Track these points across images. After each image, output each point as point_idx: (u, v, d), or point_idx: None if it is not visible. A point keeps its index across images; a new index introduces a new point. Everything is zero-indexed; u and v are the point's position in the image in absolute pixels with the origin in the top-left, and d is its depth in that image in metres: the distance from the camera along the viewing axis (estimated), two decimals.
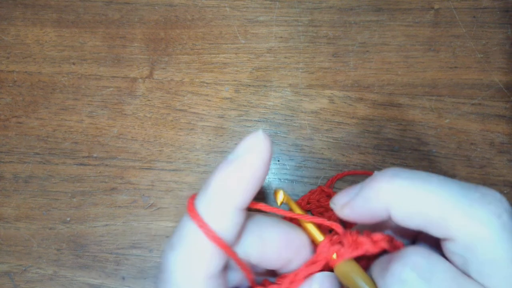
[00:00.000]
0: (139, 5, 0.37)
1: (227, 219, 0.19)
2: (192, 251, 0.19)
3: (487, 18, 0.36)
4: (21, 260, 0.33)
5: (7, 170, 0.35)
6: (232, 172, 0.19)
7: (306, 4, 0.37)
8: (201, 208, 0.19)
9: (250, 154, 0.19)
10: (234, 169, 0.19)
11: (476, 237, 0.18)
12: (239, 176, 0.19)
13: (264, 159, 0.19)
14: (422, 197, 0.19)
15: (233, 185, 0.19)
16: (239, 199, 0.19)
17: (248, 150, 0.19)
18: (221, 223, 0.19)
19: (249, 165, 0.19)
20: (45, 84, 0.36)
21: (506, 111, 0.34)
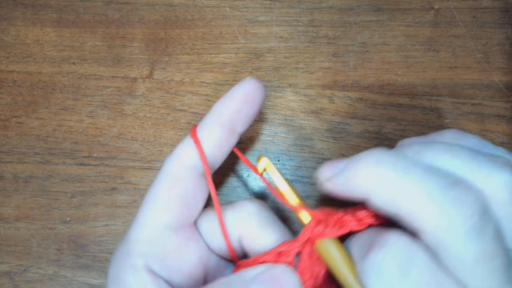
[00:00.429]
0: (139, 5, 0.37)
1: (210, 130, 0.25)
2: (180, 149, 0.25)
3: (487, 18, 0.36)
4: (21, 260, 0.33)
5: (7, 170, 0.35)
6: (222, 101, 0.26)
7: (306, 4, 0.37)
8: (198, 127, 0.26)
9: (239, 86, 0.26)
10: (225, 99, 0.26)
11: (445, 235, 0.18)
12: (227, 104, 0.25)
13: (246, 93, 0.25)
14: (400, 188, 0.19)
15: (220, 107, 0.25)
16: (224, 117, 0.25)
17: (239, 87, 0.26)
18: (205, 132, 0.25)
19: (236, 96, 0.25)
20: (45, 84, 0.36)
21: (506, 111, 0.34)
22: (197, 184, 0.25)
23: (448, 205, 0.18)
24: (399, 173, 0.19)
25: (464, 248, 0.18)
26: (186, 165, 0.25)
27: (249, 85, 0.25)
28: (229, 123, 0.25)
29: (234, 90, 0.25)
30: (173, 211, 0.24)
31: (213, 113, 0.26)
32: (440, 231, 0.18)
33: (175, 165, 0.25)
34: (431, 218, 0.18)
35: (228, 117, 0.25)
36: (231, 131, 0.26)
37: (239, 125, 0.26)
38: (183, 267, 0.24)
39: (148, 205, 0.24)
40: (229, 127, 0.25)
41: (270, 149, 0.34)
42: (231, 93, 0.25)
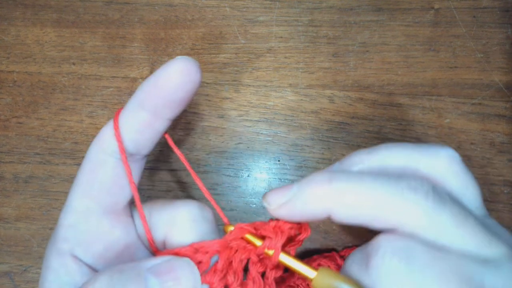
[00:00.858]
0: (139, 5, 0.37)
1: (134, 116, 0.23)
2: (102, 134, 0.23)
3: (487, 18, 0.36)
4: (21, 260, 0.33)
5: (7, 170, 0.35)
6: (147, 83, 0.23)
7: (306, 4, 0.37)
8: (121, 112, 0.24)
9: (167, 71, 0.22)
10: (150, 81, 0.23)
11: (418, 220, 0.19)
12: (150, 83, 0.23)
13: (175, 75, 0.22)
14: (360, 198, 0.20)
15: (144, 90, 0.23)
16: (148, 102, 0.23)
17: (167, 68, 0.22)
18: (128, 119, 0.23)
19: (163, 79, 0.22)
20: (45, 84, 0.36)
21: (506, 111, 0.34)
22: (121, 170, 0.23)
23: (406, 194, 0.20)
24: (354, 183, 0.20)
25: (438, 220, 0.19)
26: (106, 150, 0.23)
27: (179, 65, 0.22)
28: (154, 107, 0.23)
29: (162, 70, 0.22)
30: (94, 196, 0.23)
31: (136, 96, 0.23)
32: (413, 218, 0.19)
33: (95, 150, 0.23)
34: (398, 213, 0.20)
35: (152, 101, 0.22)
36: (156, 116, 0.23)
37: (167, 110, 0.23)
38: (107, 254, 0.23)
39: (72, 189, 0.24)
40: (154, 112, 0.23)
41: (270, 149, 0.34)
42: (158, 73, 0.22)
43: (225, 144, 0.35)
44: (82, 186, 0.23)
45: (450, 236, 0.19)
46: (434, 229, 0.19)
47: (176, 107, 0.23)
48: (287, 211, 0.21)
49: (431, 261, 0.19)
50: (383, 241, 0.20)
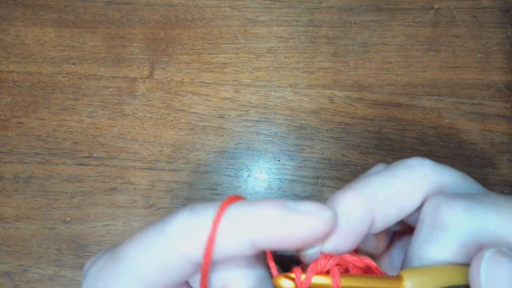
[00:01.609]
0: (139, 5, 0.37)
1: (235, 243, 0.18)
2: (192, 229, 0.18)
3: (487, 18, 0.36)
4: (21, 260, 0.33)
5: (7, 170, 0.35)
6: (280, 217, 0.17)
7: (306, 4, 0.37)
8: (231, 212, 0.18)
9: (308, 217, 0.17)
10: (284, 217, 0.17)
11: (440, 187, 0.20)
12: (282, 226, 0.17)
13: (312, 233, 0.17)
14: (384, 203, 0.20)
15: (271, 228, 0.17)
16: (262, 242, 0.17)
17: (310, 214, 0.17)
18: (227, 239, 0.17)
19: (298, 225, 0.17)
20: (45, 84, 0.36)
21: (506, 111, 0.34)
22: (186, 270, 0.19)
23: (413, 170, 0.21)
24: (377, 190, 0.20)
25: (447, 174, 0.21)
26: (186, 257, 0.18)
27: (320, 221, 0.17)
28: (261, 245, 0.18)
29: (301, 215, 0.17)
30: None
31: (252, 222, 0.17)
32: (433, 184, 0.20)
33: (175, 251, 0.18)
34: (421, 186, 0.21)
35: (266, 242, 0.17)
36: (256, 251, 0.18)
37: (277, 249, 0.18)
38: None
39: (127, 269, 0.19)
40: (261, 249, 0.18)
41: (270, 149, 0.34)
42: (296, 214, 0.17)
43: (225, 144, 0.35)
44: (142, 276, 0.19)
45: (465, 186, 0.20)
46: (451, 181, 0.20)
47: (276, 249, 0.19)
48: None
49: (483, 196, 0.19)
50: (430, 200, 0.20)
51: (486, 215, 0.18)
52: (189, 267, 0.18)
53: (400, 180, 0.20)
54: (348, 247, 0.19)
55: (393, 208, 0.20)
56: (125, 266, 0.19)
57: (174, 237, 0.18)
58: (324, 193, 0.34)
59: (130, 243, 0.20)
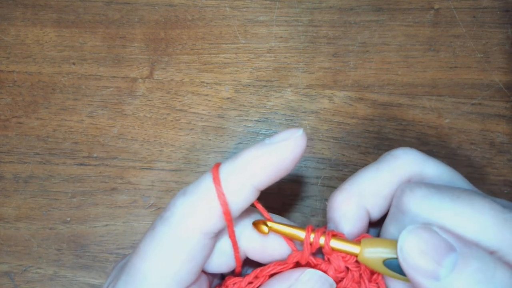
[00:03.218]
0: (139, 5, 0.37)
1: (240, 192, 0.20)
2: (200, 204, 0.20)
3: (487, 18, 0.36)
4: (21, 260, 0.33)
5: (7, 170, 0.35)
6: (263, 154, 0.20)
7: (306, 4, 0.37)
8: (223, 173, 0.20)
9: (285, 144, 0.20)
10: (266, 152, 0.20)
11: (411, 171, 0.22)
12: (268, 159, 0.20)
13: (295, 154, 0.21)
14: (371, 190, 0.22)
15: (260, 165, 0.20)
16: (259, 179, 0.20)
17: (285, 140, 0.20)
18: (234, 192, 0.20)
19: (280, 153, 0.20)
20: (45, 84, 0.36)
21: (506, 111, 0.34)
22: (207, 248, 0.21)
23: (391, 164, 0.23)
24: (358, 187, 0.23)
25: (428, 164, 0.23)
26: (206, 233, 0.20)
27: (295, 141, 0.20)
28: (265, 183, 0.21)
29: (278, 145, 0.20)
30: (178, 280, 0.20)
31: (246, 166, 0.20)
32: (410, 170, 0.23)
33: (191, 231, 0.20)
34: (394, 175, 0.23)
35: (263, 178, 0.20)
36: (259, 189, 0.21)
37: (274, 181, 0.21)
38: None
39: (148, 261, 0.20)
40: (263, 186, 0.21)
41: None
42: (274, 148, 0.20)
43: (225, 144, 0.35)
44: (165, 266, 0.20)
45: (449, 178, 0.21)
46: (433, 172, 0.22)
47: (282, 175, 0.21)
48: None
49: (453, 187, 0.20)
50: (403, 185, 0.21)
51: (442, 203, 0.19)
52: (208, 240, 0.20)
53: (383, 172, 0.22)
54: (357, 234, 0.22)
55: (381, 198, 0.22)
56: (145, 275, 0.20)
57: (183, 220, 0.20)
58: (324, 193, 0.34)
59: (141, 254, 0.20)
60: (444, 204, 0.19)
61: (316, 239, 0.21)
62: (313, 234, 0.21)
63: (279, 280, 0.21)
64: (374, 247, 0.20)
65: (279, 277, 0.22)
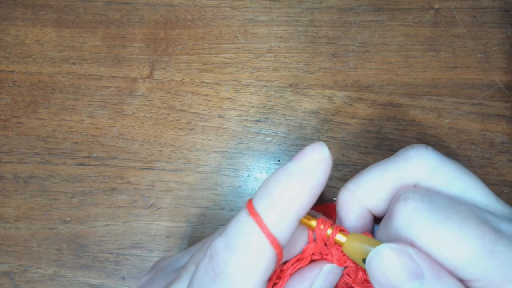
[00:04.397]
0: (139, 5, 0.37)
1: (286, 227, 0.19)
2: (253, 254, 0.19)
3: (487, 18, 0.36)
4: (21, 260, 0.33)
5: (7, 170, 0.35)
6: (298, 182, 0.19)
7: (306, 4, 0.37)
8: (262, 212, 0.19)
9: (317, 166, 0.19)
10: (301, 179, 0.19)
11: (422, 179, 0.21)
12: (304, 186, 0.19)
13: (327, 174, 0.20)
14: (373, 189, 0.22)
15: (298, 194, 0.19)
16: (300, 208, 0.19)
17: (314, 162, 0.20)
18: (280, 230, 0.19)
19: (315, 177, 0.19)
20: (45, 84, 0.36)
21: (506, 111, 0.34)
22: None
23: (408, 161, 0.22)
24: (364, 179, 0.23)
25: (446, 170, 0.22)
26: (263, 280, 0.19)
27: (325, 164, 0.20)
28: (302, 212, 0.20)
29: (310, 169, 0.19)
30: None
31: (281, 199, 0.19)
32: (420, 175, 0.22)
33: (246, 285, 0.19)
34: (406, 173, 0.22)
35: (302, 207, 0.19)
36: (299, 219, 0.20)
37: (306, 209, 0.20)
38: None
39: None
40: (300, 216, 0.20)
41: (270, 149, 0.34)
42: (305, 172, 0.19)
43: (225, 144, 0.35)
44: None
45: (462, 187, 0.20)
46: (444, 180, 0.20)
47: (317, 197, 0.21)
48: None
49: (450, 204, 0.19)
50: (402, 191, 0.20)
51: (430, 222, 0.18)
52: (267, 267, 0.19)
53: (388, 174, 0.22)
54: (359, 232, 0.23)
55: (382, 201, 0.22)
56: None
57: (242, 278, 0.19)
58: (324, 193, 0.34)
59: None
60: (432, 224, 0.18)
61: (324, 232, 0.22)
62: (322, 225, 0.22)
63: (300, 281, 0.22)
64: (357, 243, 0.21)
65: (299, 277, 0.22)
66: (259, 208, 0.19)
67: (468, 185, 0.21)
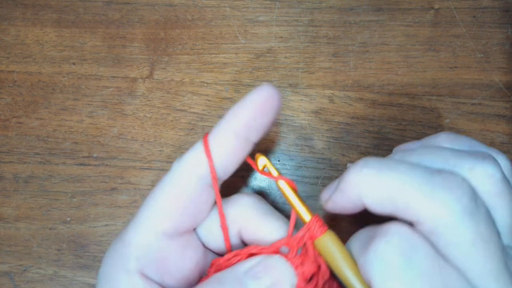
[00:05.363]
0: (139, 5, 0.37)
1: (225, 142, 0.23)
2: (190, 157, 0.24)
3: (487, 18, 0.36)
4: (21, 260, 0.33)
5: (7, 170, 0.35)
6: (237, 108, 0.23)
7: (306, 4, 0.37)
8: (210, 133, 0.24)
9: (255, 96, 0.23)
10: (239, 106, 0.23)
11: (438, 220, 0.18)
12: (243, 111, 0.23)
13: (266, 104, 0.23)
14: (388, 184, 0.20)
15: (235, 114, 0.23)
16: (238, 129, 0.23)
17: (255, 94, 0.23)
18: (219, 143, 0.23)
19: (252, 103, 0.23)
20: (45, 84, 0.36)
21: (506, 111, 0.34)
22: (203, 194, 0.24)
23: (437, 190, 0.18)
24: (385, 170, 0.20)
25: (460, 230, 0.18)
26: (194, 175, 0.23)
27: (265, 92, 0.23)
28: (244, 131, 0.23)
29: (250, 96, 0.23)
30: (174, 220, 0.23)
31: (227, 120, 0.23)
32: (435, 217, 0.18)
33: (183, 173, 0.23)
34: (423, 206, 0.19)
35: (243, 125, 0.23)
36: (245, 140, 0.24)
37: (254, 133, 0.24)
38: (178, 274, 0.23)
39: (148, 209, 0.23)
40: (244, 135, 0.23)
41: (270, 149, 0.34)
42: (246, 99, 0.23)
43: None
44: (163, 208, 0.23)
45: (462, 253, 0.18)
46: (452, 239, 0.18)
47: (263, 130, 0.24)
48: (332, 204, 0.23)
49: (429, 270, 0.18)
50: (393, 228, 0.19)
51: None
52: (204, 187, 0.23)
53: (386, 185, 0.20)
54: (342, 212, 0.23)
55: (383, 204, 0.20)
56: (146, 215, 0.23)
57: (178, 169, 0.23)
58: None
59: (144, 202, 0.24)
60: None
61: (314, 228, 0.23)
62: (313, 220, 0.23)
63: (247, 260, 0.22)
64: (334, 242, 0.22)
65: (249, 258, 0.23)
66: (210, 132, 0.24)
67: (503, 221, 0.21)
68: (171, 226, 0.23)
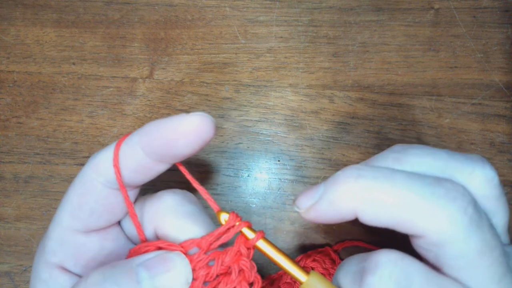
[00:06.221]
0: (139, 5, 0.37)
1: (131, 152, 0.22)
2: (99, 159, 0.23)
3: (487, 18, 0.36)
4: (21, 260, 0.33)
5: (7, 170, 0.35)
6: (156, 125, 0.22)
7: (306, 4, 0.37)
8: (126, 140, 0.23)
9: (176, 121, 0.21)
10: (158, 124, 0.21)
11: (444, 234, 0.18)
12: (157, 128, 0.21)
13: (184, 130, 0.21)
14: (387, 198, 0.18)
15: (150, 132, 0.22)
16: (150, 147, 0.22)
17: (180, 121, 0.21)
18: (128, 148, 0.22)
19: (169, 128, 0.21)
20: (45, 84, 0.36)
21: (506, 111, 0.34)
22: (113, 196, 0.23)
23: (442, 202, 0.18)
24: (383, 182, 0.19)
25: (468, 242, 0.18)
26: (101, 178, 0.23)
27: (194, 123, 0.21)
28: (155, 154, 0.22)
29: (173, 121, 0.21)
30: (82, 219, 0.23)
31: (141, 137, 0.22)
32: (442, 231, 0.18)
33: (90, 174, 0.23)
34: (429, 221, 0.18)
35: (157, 150, 0.22)
36: (156, 161, 0.22)
37: (169, 157, 0.22)
38: (97, 264, 0.23)
39: (61, 206, 0.23)
40: (155, 157, 0.22)
41: (270, 149, 0.34)
42: (168, 122, 0.21)
43: (225, 144, 0.35)
44: (71, 207, 0.23)
45: (469, 263, 0.18)
46: (458, 251, 0.18)
47: (181, 157, 0.22)
48: (315, 214, 0.20)
49: None
50: (384, 259, 0.19)
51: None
52: (108, 188, 0.23)
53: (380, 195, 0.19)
54: (325, 222, 0.21)
55: (383, 218, 0.19)
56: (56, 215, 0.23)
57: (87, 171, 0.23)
58: None
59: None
60: None
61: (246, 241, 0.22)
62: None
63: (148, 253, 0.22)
64: (317, 286, 0.21)
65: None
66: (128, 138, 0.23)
67: (501, 223, 0.21)
68: (80, 225, 0.23)
